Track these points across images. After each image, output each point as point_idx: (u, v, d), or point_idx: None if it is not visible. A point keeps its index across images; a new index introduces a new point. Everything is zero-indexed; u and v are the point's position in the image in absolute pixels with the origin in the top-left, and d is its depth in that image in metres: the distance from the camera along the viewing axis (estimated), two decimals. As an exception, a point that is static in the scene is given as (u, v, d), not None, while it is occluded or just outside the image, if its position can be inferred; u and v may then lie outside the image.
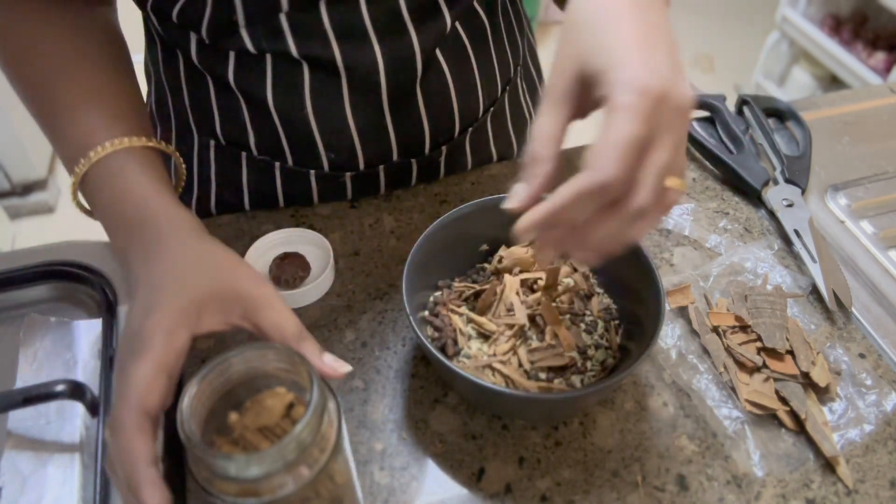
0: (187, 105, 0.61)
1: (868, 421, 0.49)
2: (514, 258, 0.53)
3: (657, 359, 0.52)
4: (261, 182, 0.63)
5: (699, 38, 2.75)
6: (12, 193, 1.93)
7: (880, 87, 0.83)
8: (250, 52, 0.53)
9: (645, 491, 0.45)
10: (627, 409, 0.49)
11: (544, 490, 0.45)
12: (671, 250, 0.60)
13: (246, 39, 0.52)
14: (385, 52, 0.53)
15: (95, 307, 0.55)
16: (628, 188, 0.33)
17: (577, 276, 0.53)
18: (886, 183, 0.68)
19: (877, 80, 1.89)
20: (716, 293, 0.56)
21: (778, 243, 0.61)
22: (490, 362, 0.47)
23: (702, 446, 0.47)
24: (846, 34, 2.01)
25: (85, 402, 0.45)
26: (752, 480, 0.45)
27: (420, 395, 0.50)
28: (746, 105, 0.73)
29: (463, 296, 0.52)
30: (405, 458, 0.46)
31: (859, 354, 0.53)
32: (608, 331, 0.51)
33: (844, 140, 0.73)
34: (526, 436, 0.47)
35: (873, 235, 0.62)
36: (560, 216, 0.34)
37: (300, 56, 0.53)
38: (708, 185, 0.67)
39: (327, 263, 0.56)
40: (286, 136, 0.59)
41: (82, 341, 0.50)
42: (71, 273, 0.55)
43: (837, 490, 0.45)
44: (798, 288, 0.57)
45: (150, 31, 0.60)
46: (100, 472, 0.43)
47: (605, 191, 0.33)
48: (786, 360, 0.50)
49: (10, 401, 0.43)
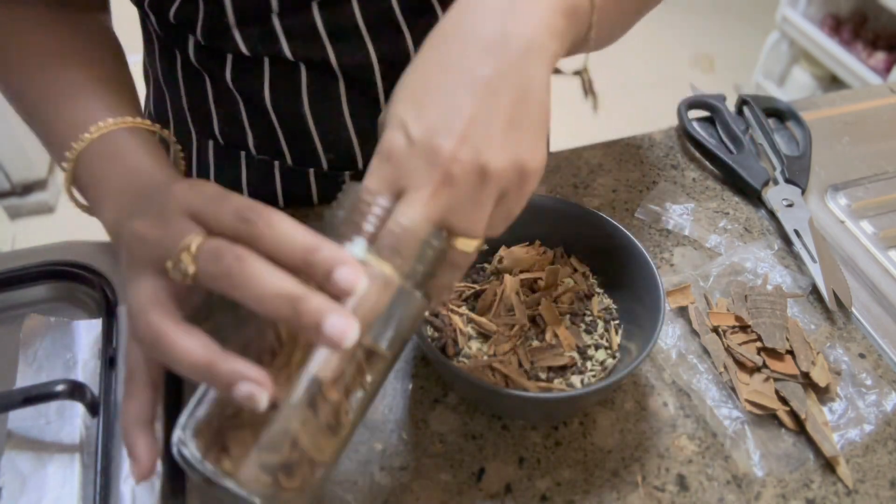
0: (185, 106, 0.61)
1: (868, 421, 0.49)
2: (514, 258, 0.53)
3: (657, 359, 0.52)
4: (260, 182, 0.63)
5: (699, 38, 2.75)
6: (12, 193, 1.93)
7: (880, 87, 0.83)
8: (246, 55, 0.53)
9: (645, 491, 0.45)
10: (627, 409, 0.49)
11: (544, 490, 0.45)
12: (671, 250, 0.60)
13: (240, 42, 0.52)
14: (379, 51, 0.53)
15: (95, 307, 0.55)
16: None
17: (577, 276, 0.53)
18: (886, 183, 0.68)
19: (877, 80, 1.89)
20: (716, 293, 0.56)
21: (778, 243, 0.61)
22: (490, 362, 0.47)
23: (702, 446, 0.47)
24: (846, 34, 2.02)
25: (85, 402, 0.45)
26: (752, 480, 0.45)
27: (420, 395, 0.50)
28: (746, 105, 0.73)
29: (463, 296, 0.52)
30: (405, 458, 0.46)
31: (859, 354, 0.53)
32: (608, 331, 0.51)
33: (844, 140, 0.73)
34: (526, 436, 0.47)
35: (873, 235, 0.62)
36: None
37: (295, 57, 0.53)
38: (708, 185, 0.67)
39: (327, 263, 0.56)
40: (284, 137, 0.59)
41: (82, 341, 0.50)
42: (71, 273, 0.55)
43: (837, 490, 0.45)
44: (798, 288, 0.57)
45: (148, 31, 0.60)
46: (100, 472, 0.43)
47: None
48: (786, 360, 0.50)
49: (9, 401, 0.43)
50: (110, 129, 0.43)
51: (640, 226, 0.63)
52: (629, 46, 2.94)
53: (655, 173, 0.68)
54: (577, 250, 0.55)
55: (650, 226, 0.63)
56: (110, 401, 0.47)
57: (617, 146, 0.71)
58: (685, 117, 0.72)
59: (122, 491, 0.43)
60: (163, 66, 0.60)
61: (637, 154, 0.70)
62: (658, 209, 0.64)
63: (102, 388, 0.47)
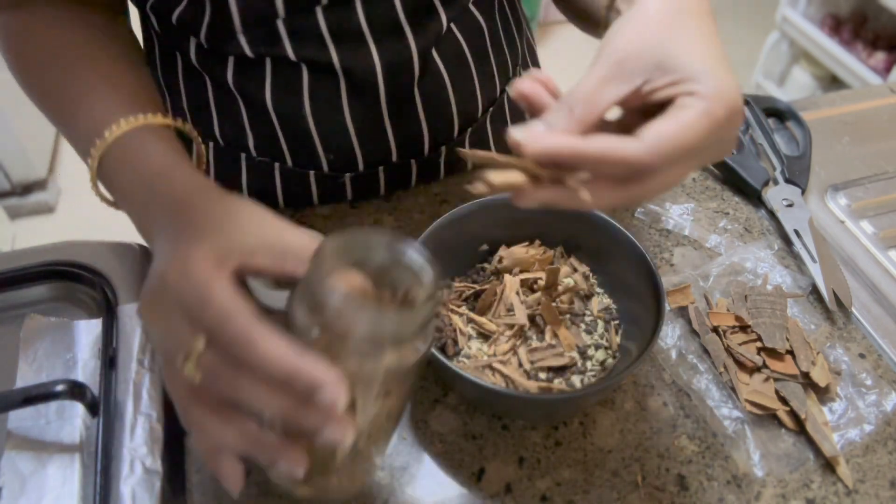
0: (185, 106, 0.61)
1: (868, 421, 0.49)
2: (514, 258, 0.53)
3: (657, 359, 0.52)
4: (260, 183, 0.63)
5: (699, 38, 2.75)
6: (12, 193, 1.93)
7: (880, 87, 0.83)
8: (249, 56, 0.53)
9: (645, 491, 0.45)
10: (627, 409, 0.49)
11: (544, 490, 0.45)
12: (671, 250, 0.60)
13: (244, 45, 0.52)
14: (382, 54, 0.53)
15: (95, 307, 0.55)
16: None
17: (577, 276, 0.53)
18: (886, 183, 0.68)
19: (877, 80, 1.88)
20: (716, 293, 0.56)
21: (778, 243, 0.61)
22: (490, 362, 0.48)
23: (702, 446, 0.47)
24: (846, 34, 2.01)
25: (85, 402, 0.45)
26: (752, 480, 0.45)
27: (420, 395, 0.50)
28: (746, 105, 0.73)
29: (463, 296, 0.52)
30: (405, 458, 0.46)
31: (859, 354, 0.53)
32: (608, 331, 0.51)
33: (844, 140, 0.73)
34: (526, 436, 0.47)
35: (873, 235, 0.62)
36: (573, 161, 0.33)
37: (298, 59, 0.53)
38: (708, 185, 0.67)
39: (327, 263, 0.56)
40: (285, 138, 0.59)
41: (82, 341, 0.50)
42: (71, 273, 0.55)
43: (837, 490, 0.45)
44: (798, 288, 0.57)
45: (148, 32, 0.60)
46: (100, 472, 0.43)
47: (629, 169, 0.32)
48: (786, 360, 0.50)
49: (9, 401, 0.43)
50: (124, 132, 0.43)
51: (640, 226, 0.63)
52: (629, 46, 2.92)
53: (655, 173, 0.68)
54: (577, 250, 0.55)
55: (650, 226, 0.63)
56: (110, 401, 0.47)
57: (617, 146, 0.71)
58: (685, 117, 0.72)
59: (122, 491, 0.43)
60: (163, 67, 0.60)
61: (637, 154, 0.70)
62: (658, 209, 0.64)
63: (102, 388, 0.47)
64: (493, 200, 0.52)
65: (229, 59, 0.54)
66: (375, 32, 0.53)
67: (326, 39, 0.52)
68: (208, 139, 0.62)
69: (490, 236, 0.55)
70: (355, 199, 0.64)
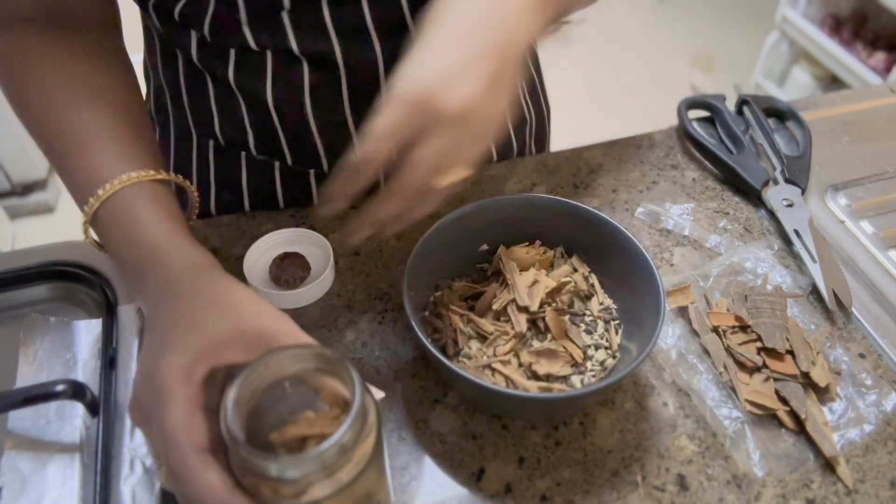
0: (186, 105, 0.61)
1: (868, 421, 0.49)
2: (514, 258, 0.53)
3: (657, 359, 0.52)
4: (260, 182, 0.63)
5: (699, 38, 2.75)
6: (12, 193, 1.93)
7: (880, 87, 0.83)
8: (251, 48, 0.53)
9: (645, 491, 0.45)
10: (627, 409, 0.49)
11: (544, 490, 0.45)
12: (671, 250, 0.60)
13: (248, 36, 0.52)
14: (386, 50, 0.54)
15: (95, 307, 0.55)
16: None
17: (577, 276, 0.53)
18: (886, 183, 0.68)
19: (877, 80, 1.89)
20: (716, 293, 0.56)
21: (778, 243, 0.61)
22: (490, 362, 0.47)
23: (702, 446, 0.47)
24: (846, 34, 2.01)
25: (85, 402, 0.45)
26: (752, 480, 0.45)
27: (420, 395, 0.50)
28: (746, 105, 0.73)
29: (463, 296, 0.52)
30: (405, 458, 0.46)
31: (859, 354, 0.53)
32: (608, 331, 0.51)
33: (844, 140, 0.73)
34: (526, 436, 0.47)
35: (873, 235, 0.62)
36: (350, 185, 0.41)
37: (301, 53, 0.53)
38: (708, 185, 0.67)
39: (327, 263, 0.56)
40: (285, 136, 0.59)
41: (82, 341, 0.50)
42: (71, 273, 0.55)
43: (837, 490, 0.45)
44: (798, 288, 0.57)
45: (148, 31, 0.60)
46: (100, 472, 0.43)
47: (364, 165, 0.39)
48: (786, 360, 0.50)
49: (9, 401, 0.43)
50: (117, 189, 0.44)
51: (640, 226, 0.63)
52: (629, 46, 2.93)
53: (655, 173, 0.68)
54: (577, 250, 0.55)
55: (650, 226, 0.63)
56: (110, 401, 0.47)
57: (617, 146, 0.71)
58: (685, 117, 0.72)
59: (122, 491, 0.43)
60: (163, 65, 0.60)
61: (637, 154, 0.70)
62: (658, 209, 0.64)
63: (102, 388, 0.47)
64: (492, 200, 0.52)
65: (230, 55, 0.54)
66: (380, 28, 0.53)
67: (331, 33, 0.52)
68: (209, 138, 0.62)
69: (490, 236, 0.55)
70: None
